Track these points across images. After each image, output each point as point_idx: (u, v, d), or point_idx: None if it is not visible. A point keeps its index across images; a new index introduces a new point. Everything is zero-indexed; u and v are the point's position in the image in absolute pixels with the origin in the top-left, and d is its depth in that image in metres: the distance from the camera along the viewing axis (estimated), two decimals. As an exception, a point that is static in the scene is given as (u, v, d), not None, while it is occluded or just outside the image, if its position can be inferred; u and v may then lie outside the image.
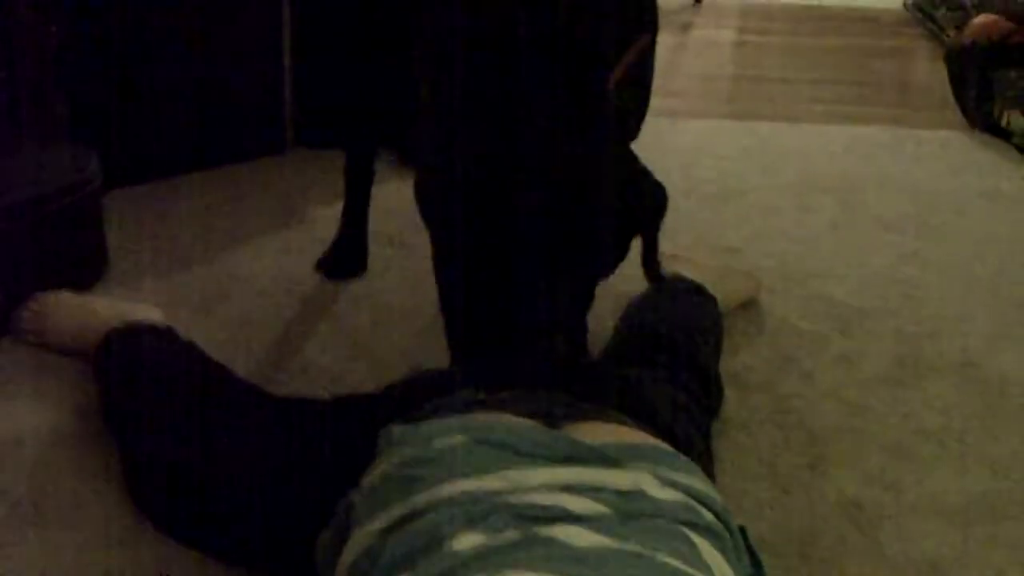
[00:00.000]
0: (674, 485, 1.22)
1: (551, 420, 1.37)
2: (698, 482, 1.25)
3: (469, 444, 1.28)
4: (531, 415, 1.37)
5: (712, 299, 2.14)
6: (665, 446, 1.37)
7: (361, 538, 1.22)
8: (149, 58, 2.79)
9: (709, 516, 1.19)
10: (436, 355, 1.94)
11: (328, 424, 1.65)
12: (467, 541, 1.10)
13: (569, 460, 1.25)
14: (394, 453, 1.32)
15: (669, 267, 2.23)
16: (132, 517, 1.66)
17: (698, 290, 2.16)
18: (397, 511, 1.20)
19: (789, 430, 1.97)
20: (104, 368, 1.92)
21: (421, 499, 1.19)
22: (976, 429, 2.00)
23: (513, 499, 1.16)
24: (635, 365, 1.85)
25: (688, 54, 4.17)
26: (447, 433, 1.30)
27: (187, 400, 1.75)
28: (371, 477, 1.31)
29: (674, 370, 1.82)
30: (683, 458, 1.33)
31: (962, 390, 2.13)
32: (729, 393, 2.03)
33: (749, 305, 2.38)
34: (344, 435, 1.57)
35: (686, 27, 4.55)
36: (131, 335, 1.96)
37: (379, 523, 1.20)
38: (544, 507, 1.14)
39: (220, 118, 2.92)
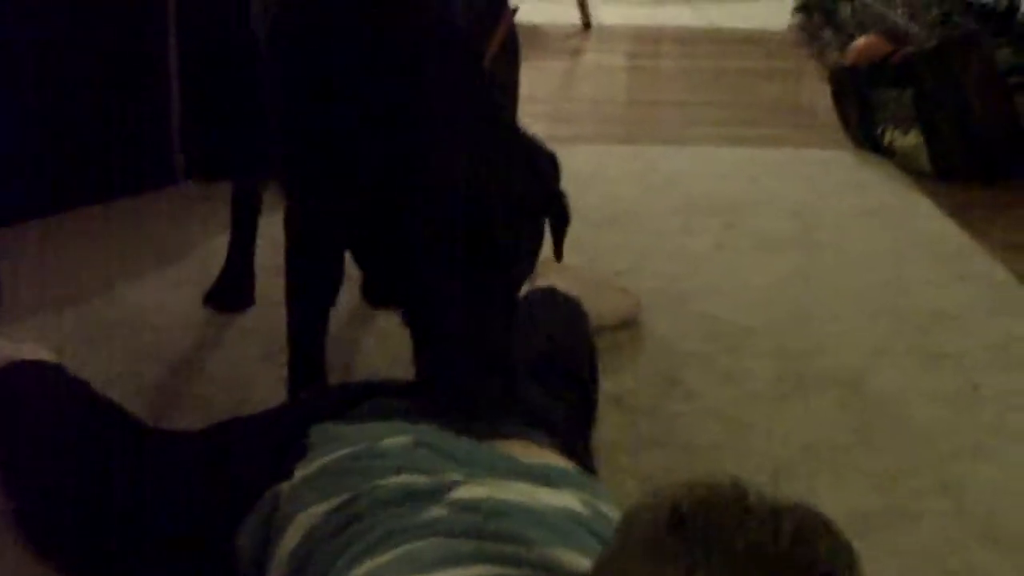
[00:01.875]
0: (596, 511, 1.27)
1: (479, 436, 1.42)
2: (614, 511, 1.29)
3: (413, 446, 1.34)
4: (459, 431, 1.41)
5: (583, 312, 2.17)
6: (583, 473, 1.42)
7: (305, 519, 1.27)
8: (35, 93, 2.77)
9: None
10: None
11: (212, 453, 1.66)
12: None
13: (506, 474, 1.30)
14: (334, 449, 1.36)
15: (543, 278, 2.26)
16: (22, 554, 1.66)
17: (569, 302, 2.19)
18: (347, 494, 1.24)
19: (672, 450, 2.01)
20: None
21: (372, 485, 1.25)
22: (856, 444, 2.06)
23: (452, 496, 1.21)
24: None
25: (578, 79, 4.23)
26: (392, 433, 1.34)
27: (74, 437, 1.75)
28: (307, 470, 1.35)
29: (557, 385, 1.85)
30: (600, 485, 1.39)
31: (843, 406, 2.18)
32: (612, 415, 2.07)
33: (632, 325, 2.42)
34: (242, 454, 1.59)
35: (576, 52, 4.60)
36: (18, 373, 1.95)
37: (325, 506, 1.25)
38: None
39: (108, 152, 2.90)
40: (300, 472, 1.38)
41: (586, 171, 3.30)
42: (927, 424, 2.13)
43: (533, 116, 3.80)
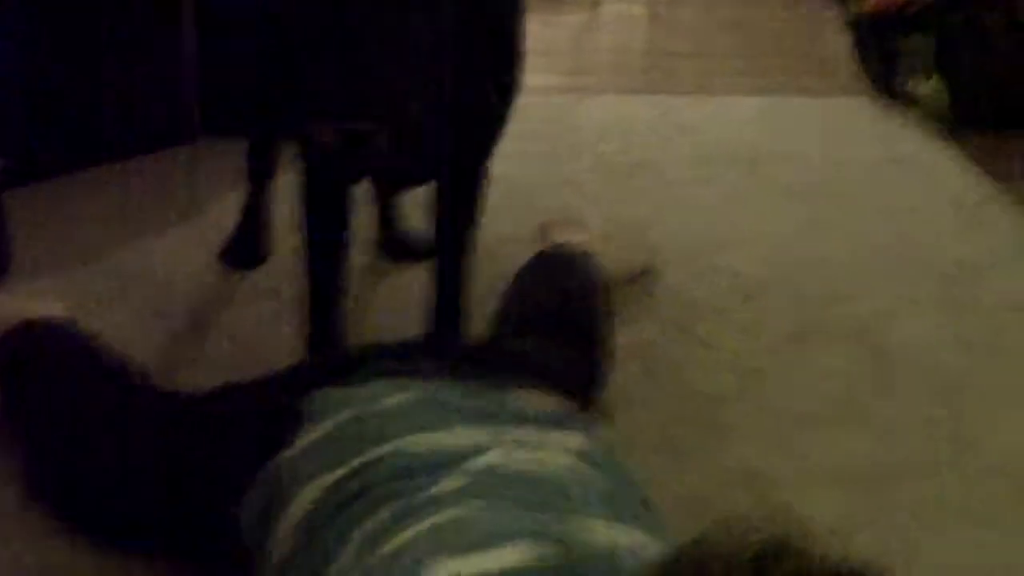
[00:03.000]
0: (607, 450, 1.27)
1: (484, 386, 1.41)
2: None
3: (415, 403, 1.31)
4: (463, 383, 1.40)
5: (598, 266, 2.15)
6: (591, 418, 1.42)
7: (309, 492, 1.24)
8: (48, 52, 2.76)
9: None
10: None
11: (225, 413, 1.65)
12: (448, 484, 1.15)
13: (514, 421, 1.29)
14: (336, 413, 1.34)
15: (557, 234, 2.25)
16: (33, 515, 1.66)
17: (583, 256, 2.17)
18: (356, 461, 1.23)
19: (688, 400, 2.00)
20: (5, 363, 1.91)
21: (383, 450, 1.22)
22: (873, 395, 2.04)
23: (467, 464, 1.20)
24: (526, 335, 1.87)
25: (599, 30, 4.19)
26: (392, 392, 1.33)
27: (82, 397, 1.75)
28: (307, 439, 1.33)
29: (565, 339, 1.84)
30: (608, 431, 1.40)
31: (863, 356, 2.16)
32: (629, 365, 2.05)
33: (648, 276, 2.40)
34: (240, 422, 1.58)
35: (596, 3, 4.56)
36: (32, 331, 1.95)
37: (333, 476, 1.23)
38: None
39: (122, 109, 2.90)
40: (301, 441, 1.35)
41: (605, 121, 3.28)
42: (949, 373, 2.11)
43: (552, 67, 3.78)
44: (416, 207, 2.29)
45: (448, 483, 1.18)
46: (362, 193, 2.28)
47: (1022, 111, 3.32)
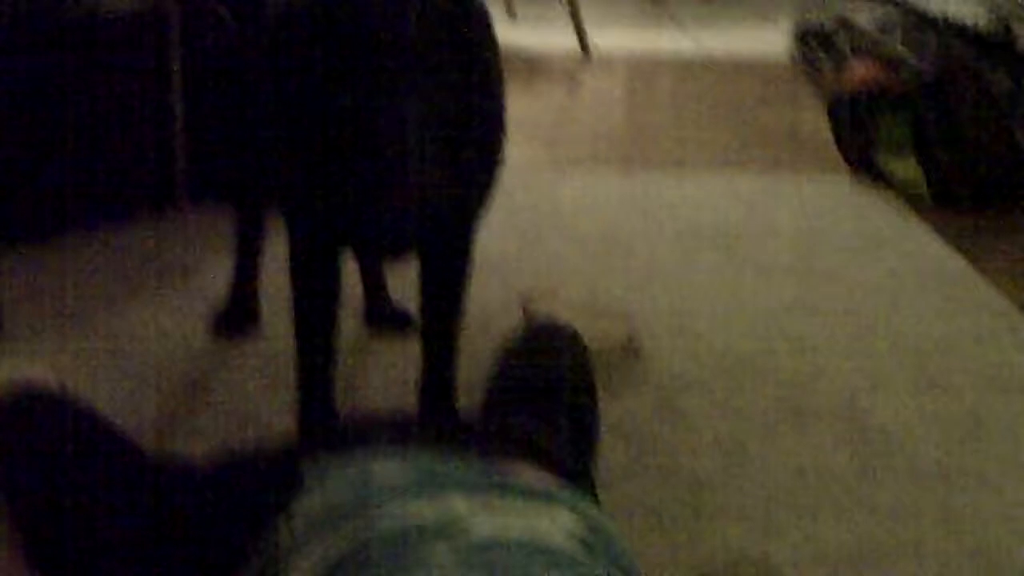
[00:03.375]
0: (599, 531, 1.28)
1: (477, 460, 1.43)
2: (615, 532, 1.31)
3: (409, 472, 1.33)
4: (457, 456, 1.42)
5: (580, 340, 2.18)
6: (582, 494, 1.43)
7: (307, 562, 1.25)
8: (39, 117, 2.78)
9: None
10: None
11: (219, 481, 1.67)
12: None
13: (506, 495, 1.31)
14: (331, 482, 1.35)
15: (539, 307, 2.28)
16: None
17: (566, 331, 2.20)
18: (352, 531, 1.24)
19: (672, 477, 2.02)
20: (-5, 432, 1.91)
21: (379, 519, 1.24)
22: (857, 475, 2.06)
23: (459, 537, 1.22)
24: (514, 411, 1.89)
25: (577, 107, 4.24)
26: (387, 464, 1.35)
27: (77, 462, 1.76)
28: (303, 508, 1.34)
29: (551, 415, 1.86)
30: (598, 509, 1.40)
31: (843, 435, 2.19)
32: (613, 443, 2.07)
33: (630, 352, 2.43)
34: (234, 490, 1.59)
35: (575, 80, 4.62)
36: (22, 397, 1.96)
37: (330, 545, 1.24)
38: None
39: (112, 175, 2.92)
40: (297, 509, 1.37)
41: (584, 198, 3.32)
42: (930, 455, 2.14)
43: (531, 142, 3.82)
44: (402, 278, 2.31)
45: (447, 555, 1.20)
46: (349, 263, 2.31)
47: (996, 191, 3.38)
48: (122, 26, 2.89)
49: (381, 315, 2.49)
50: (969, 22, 4.38)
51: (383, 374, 2.31)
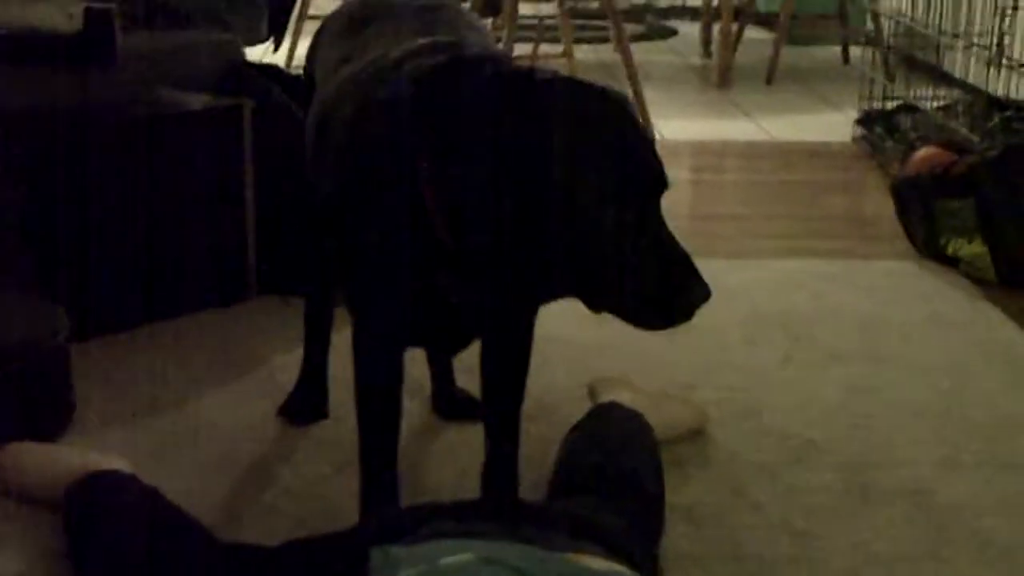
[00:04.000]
0: None
1: (543, 548, 1.44)
2: None
3: (477, 563, 1.34)
4: (523, 543, 1.44)
5: (647, 426, 2.20)
6: None
7: None
8: (114, 208, 2.86)
9: None
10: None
11: (287, 569, 1.70)
12: None
13: None
14: (398, 572, 1.37)
15: (606, 393, 2.30)
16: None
17: (633, 416, 2.22)
18: None
19: (742, 563, 2.02)
20: (71, 517, 1.96)
21: None
22: (927, 557, 2.05)
23: None
24: (580, 495, 1.90)
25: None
26: (453, 552, 1.37)
27: (150, 548, 1.79)
28: None
29: (617, 499, 1.87)
30: None
31: (912, 518, 2.18)
32: (681, 527, 2.08)
33: (699, 438, 2.44)
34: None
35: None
36: (96, 484, 2.01)
37: None
38: None
39: (184, 267, 2.98)
40: None
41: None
42: (998, 536, 2.12)
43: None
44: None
45: None
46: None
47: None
48: (198, 121, 2.98)
49: (449, 402, 2.51)
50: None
51: (449, 459, 2.33)
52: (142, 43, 2.91)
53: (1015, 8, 4.28)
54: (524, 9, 6.34)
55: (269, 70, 3.28)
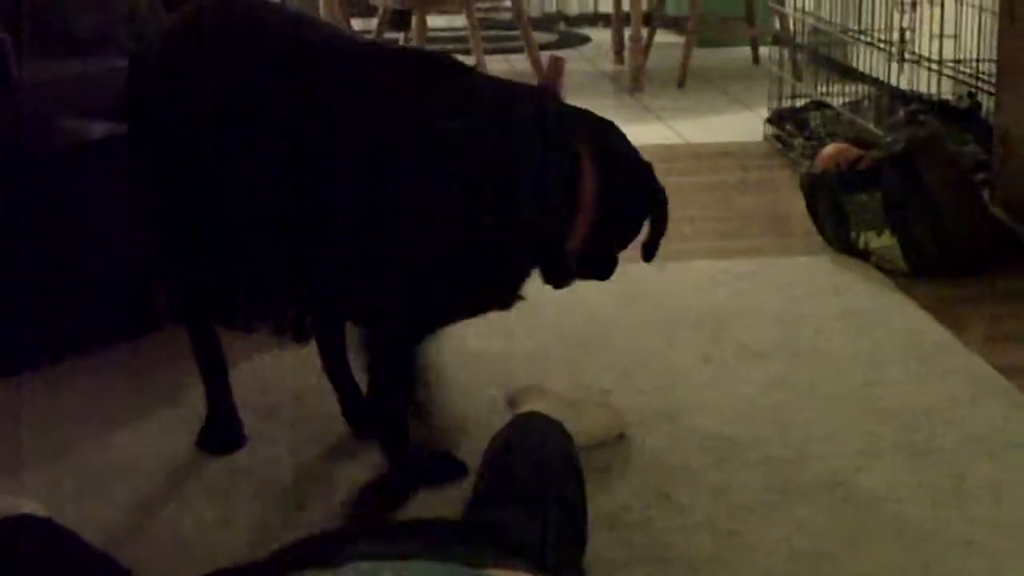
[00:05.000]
0: None
1: (465, 564, 1.44)
2: None
3: None
4: (444, 560, 1.44)
5: (566, 433, 2.20)
6: None
7: None
8: (18, 242, 2.82)
9: None
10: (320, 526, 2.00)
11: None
12: None
13: None
14: None
15: (524, 403, 2.31)
16: None
17: (552, 425, 2.22)
18: None
19: (668, 566, 2.03)
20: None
21: None
22: (849, 547, 2.08)
23: None
24: (502, 507, 1.90)
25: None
26: (376, 573, 1.36)
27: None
28: None
29: (540, 509, 1.87)
30: None
31: (833, 510, 2.20)
32: (605, 534, 2.09)
33: (620, 441, 2.45)
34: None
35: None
36: (10, 530, 1.98)
37: None
38: None
39: (93, 299, 2.94)
40: None
41: (566, 292, 3.34)
42: (917, 522, 2.15)
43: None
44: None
45: None
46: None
47: (971, 259, 3.42)
48: (100, 150, 2.94)
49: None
50: (936, 95, 4.46)
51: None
52: (41, 72, 2.87)
53: (914, 5, 4.34)
54: (436, 21, 6.37)
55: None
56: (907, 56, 4.45)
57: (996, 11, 3.77)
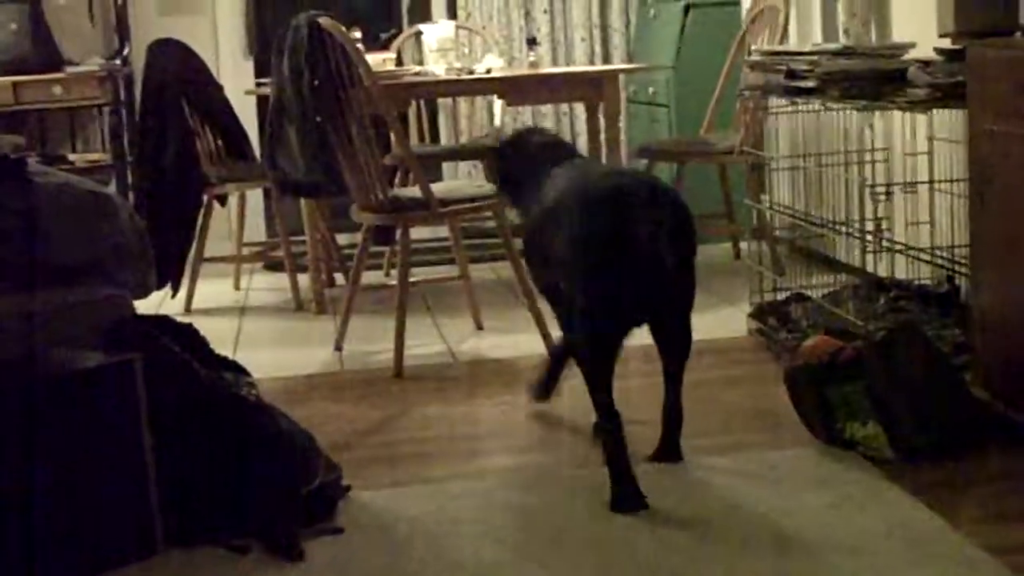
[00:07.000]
0: None
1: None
2: None
3: None
4: None
5: None
6: None
7: None
8: (8, 474, 2.83)
9: None
10: None
11: None
12: None
13: None
14: None
15: None
16: None
17: None
18: None
19: None
20: None
21: None
22: None
23: None
24: None
25: (552, 402, 4.29)
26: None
27: None
28: None
29: None
30: None
31: None
32: None
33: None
34: None
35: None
36: None
37: None
38: None
39: (87, 528, 2.95)
40: None
41: (553, 495, 3.36)
42: None
43: (501, 447, 3.91)
44: None
45: None
46: None
47: (956, 443, 3.44)
48: (88, 380, 2.98)
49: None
50: (916, 280, 4.54)
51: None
52: (23, 304, 2.94)
53: (888, 194, 4.45)
54: (421, 232, 6.49)
55: (159, 321, 3.31)
56: (885, 244, 4.53)
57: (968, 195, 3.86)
